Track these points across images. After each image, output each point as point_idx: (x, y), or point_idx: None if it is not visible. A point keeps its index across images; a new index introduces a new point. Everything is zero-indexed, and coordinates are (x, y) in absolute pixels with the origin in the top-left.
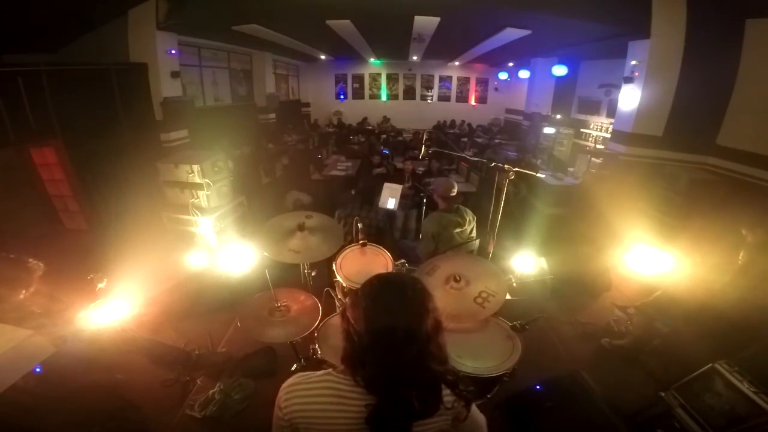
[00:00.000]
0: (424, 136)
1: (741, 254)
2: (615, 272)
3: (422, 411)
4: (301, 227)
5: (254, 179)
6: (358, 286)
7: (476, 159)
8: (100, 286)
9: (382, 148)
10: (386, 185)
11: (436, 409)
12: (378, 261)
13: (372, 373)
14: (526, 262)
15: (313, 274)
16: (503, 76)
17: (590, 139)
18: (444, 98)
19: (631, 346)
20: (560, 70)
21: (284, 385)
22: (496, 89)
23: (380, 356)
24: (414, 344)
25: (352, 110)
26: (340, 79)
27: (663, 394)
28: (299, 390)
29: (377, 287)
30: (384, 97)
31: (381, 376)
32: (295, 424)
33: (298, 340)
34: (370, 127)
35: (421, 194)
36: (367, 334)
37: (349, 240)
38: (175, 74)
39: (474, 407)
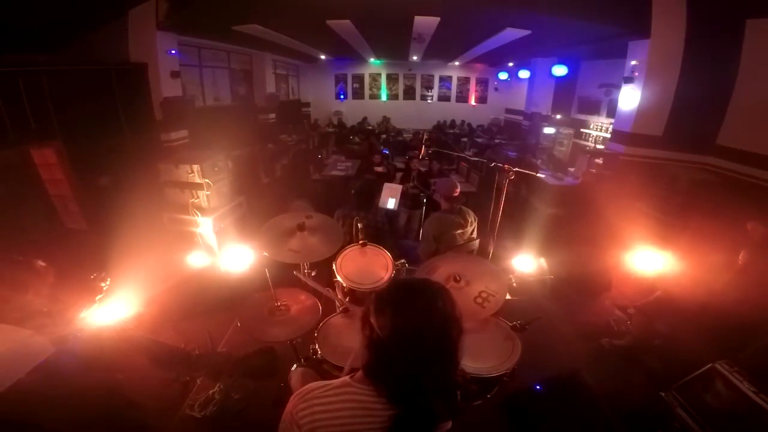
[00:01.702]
0: (424, 136)
1: (741, 254)
2: (615, 272)
3: (446, 417)
4: (301, 227)
5: (254, 179)
6: (358, 286)
7: (476, 159)
8: (103, 285)
9: (382, 148)
10: (386, 185)
11: (457, 413)
12: (378, 261)
13: (398, 384)
14: (526, 262)
15: (313, 274)
16: (503, 76)
17: (590, 139)
18: (444, 98)
19: (631, 346)
20: (560, 70)
21: (299, 394)
22: (496, 89)
23: (409, 366)
24: (443, 353)
25: (352, 110)
26: (340, 79)
27: (663, 394)
28: (319, 400)
29: (404, 295)
30: (384, 97)
31: (407, 386)
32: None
33: (298, 340)
34: (370, 127)
35: (421, 194)
36: (394, 344)
37: (348, 240)
38: (175, 74)
39: None
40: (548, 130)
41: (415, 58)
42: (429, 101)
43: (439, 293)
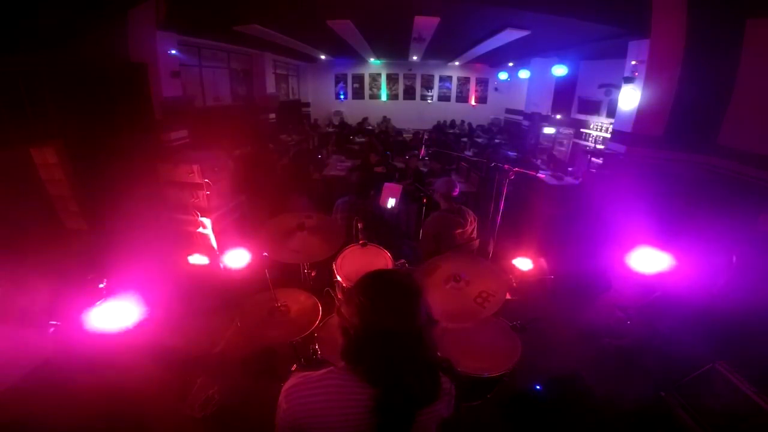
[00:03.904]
0: (424, 136)
1: (734, 257)
2: (615, 272)
3: (425, 398)
4: (301, 227)
5: (254, 179)
6: None
7: (476, 159)
8: (100, 286)
9: (382, 147)
10: (386, 185)
11: (438, 395)
12: (378, 261)
13: (371, 366)
14: (526, 262)
15: (313, 274)
16: (503, 76)
17: (590, 139)
18: (444, 98)
19: (631, 346)
20: (560, 70)
21: (285, 387)
22: (496, 89)
23: (376, 350)
24: (408, 337)
25: (352, 110)
26: (340, 79)
27: (663, 394)
28: (302, 390)
29: (370, 284)
30: (384, 97)
31: (380, 368)
32: (301, 424)
33: (298, 340)
34: (370, 128)
35: (421, 194)
36: (362, 330)
37: (348, 235)
38: (175, 74)
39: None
40: (548, 130)
41: (415, 58)
42: (429, 101)
43: (402, 281)
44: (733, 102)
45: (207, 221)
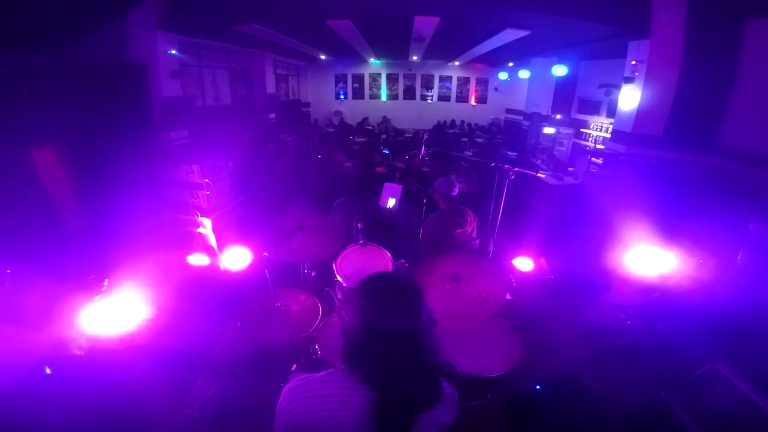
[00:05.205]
0: (424, 136)
1: (740, 255)
2: (615, 272)
3: (425, 402)
4: (301, 227)
5: (254, 179)
6: None
7: (476, 159)
8: (104, 285)
9: (382, 147)
10: (386, 185)
11: (439, 399)
12: (378, 261)
13: (371, 370)
14: (526, 262)
15: (313, 274)
16: (503, 76)
17: (590, 139)
18: (444, 98)
19: (631, 346)
20: (560, 70)
21: (286, 388)
22: (496, 89)
23: (377, 353)
24: (409, 340)
25: (352, 110)
26: (340, 79)
27: (663, 394)
28: (302, 392)
29: (371, 287)
30: (384, 97)
31: (380, 371)
32: (301, 426)
33: (298, 340)
34: (370, 128)
35: (421, 194)
36: (362, 333)
37: (347, 236)
38: (175, 74)
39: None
40: (548, 130)
41: (415, 58)
42: (429, 101)
43: (403, 284)
44: (732, 102)
45: (207, 221)
